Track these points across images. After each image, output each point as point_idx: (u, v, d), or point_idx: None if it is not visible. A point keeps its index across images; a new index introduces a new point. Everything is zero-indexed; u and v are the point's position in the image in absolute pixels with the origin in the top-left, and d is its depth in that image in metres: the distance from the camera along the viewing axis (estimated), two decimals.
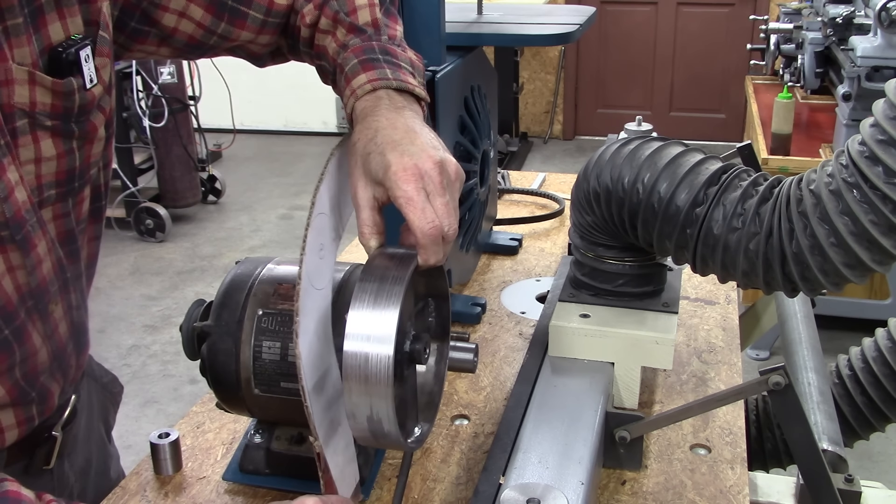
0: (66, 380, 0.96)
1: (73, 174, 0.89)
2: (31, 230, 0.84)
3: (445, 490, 1.10)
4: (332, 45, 1.03)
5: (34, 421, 0.93)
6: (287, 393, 1.03)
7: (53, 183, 0.87)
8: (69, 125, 0.86)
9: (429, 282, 0.95)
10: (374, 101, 0.91)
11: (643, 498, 1.07)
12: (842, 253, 0.96)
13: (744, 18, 5.84)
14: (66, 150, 0.86)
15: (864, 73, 2.79)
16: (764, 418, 1.53)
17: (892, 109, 0.91)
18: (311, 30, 1.05)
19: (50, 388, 0.93)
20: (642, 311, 1.16)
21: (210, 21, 1.01)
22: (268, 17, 1.04)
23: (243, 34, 1.04)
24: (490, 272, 1.71)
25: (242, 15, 1.02)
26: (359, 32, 1.01)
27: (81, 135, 0.88)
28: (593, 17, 1.74)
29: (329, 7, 1.04)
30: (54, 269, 0.89)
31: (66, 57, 0.83)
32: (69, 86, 0.84)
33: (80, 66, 0.85)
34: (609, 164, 1.10)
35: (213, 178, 5.30)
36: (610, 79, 6.52)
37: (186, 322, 1.06)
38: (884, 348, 1.46)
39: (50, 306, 0.89)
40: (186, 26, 1.00)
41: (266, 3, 1.03)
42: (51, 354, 0.91)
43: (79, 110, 0.86)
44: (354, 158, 0.87)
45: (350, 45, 1.00)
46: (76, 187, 0.90)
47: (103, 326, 3.96)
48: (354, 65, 0.96)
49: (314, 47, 1.06)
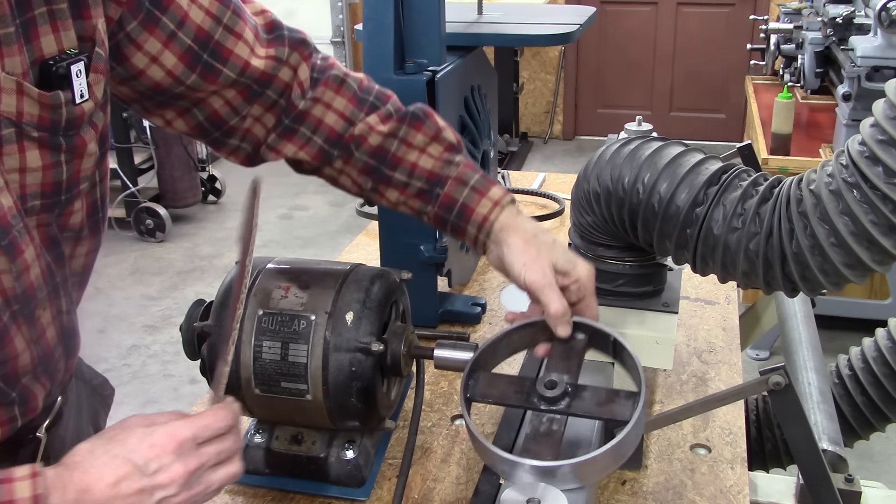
0: (52, 382, 0.95)
1: (60, 187, 0.88)
2: (18, 235, 0.84)
3: (445, 490, 1.10)
4: (427, 160, 1.09)
5: (17, 422, 0.92)
6: (287, 393, 1.03)
7: (38, 194, 0.87)
8: (56, 138, 0.85)
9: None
10: (514, 210, 1.08)
11: (643, 498, 1.07)
12: (842, 253, 0.96)
13: (744, 18, 5.84)
14: (52, 163, 0.86)
15: (864, 73, 2.78)
16: (764, 418, 1.53)
17: (892, 109, 0.91)
18: (386, 139, 1.09)
19: (33, 391, 0.93)
20: (642, 311, 1.16)
21: (181, 71, 0.98)
22: (240, 77, 1.03)
23: (211, 87, 1.03)
24: (490, 272, 1.71)
25: (216, 71, 1.01)
26: (457, 150, 1.12)
27: (69, 149, 0.87)
28: (593, 17, 1.74)
29: (420, 122, 1.10)
30: (43, 275, 0.89)
31: (57, 70, 0.83)
32: (56, 99, 0.84)
33: (70, 80, 0.84)
34: (609, 164, 1.10)
35: (213, 178, 5.29)
36: (610, 79, 6.51)
37: (186, 322, 1.06)
38: (884, 348, 1.46)
39: (37, 311, 0.89)
40: (156, 72, 0.97)
41: (241, 65, 1.02)
42: (36, 358, 0.90)
43: (66, 124, 0.86)
44: (535, 246, 1.03)
45: (458, 162, 1.10)
46: (62, 200, 0.90)
47: (103, 326, 3.96)
48: (479, 179, 1.08)
49: (391, 157, 1.09)
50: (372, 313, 1.03)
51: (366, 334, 1.02)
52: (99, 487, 0.73)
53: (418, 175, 1.09)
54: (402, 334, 1.06)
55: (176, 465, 0.76)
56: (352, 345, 1.01)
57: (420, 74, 1.32)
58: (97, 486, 0.73)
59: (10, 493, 0.69)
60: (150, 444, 0.76)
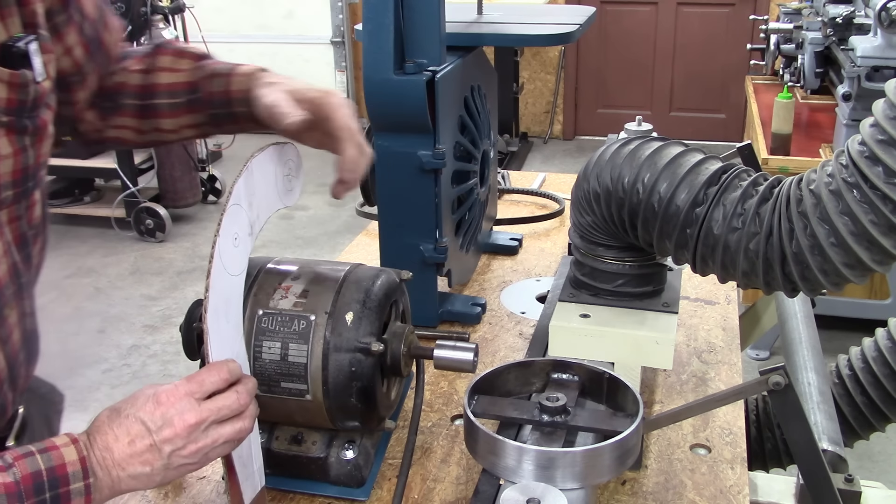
0: (15, 390, 0.95)
1: (27, 173, 0.89)
2: None
3: (445, 490, 1.10)
4: (180, 75, 1.12)
5: None
6: (287, 393, 1.03)
7: (10, 183, 0.87)
8: (23, 120, 0.87)
9: None
10: (269, 73, 1.09)
11: (643, 498, 1.07)
12: (842, 253, 0.96)
13: (744, 18, 5.83)
14: (20, 148, 0.87)
15: (864, 73, 2.78)
16: (764, 418, 1.53)
17: (892, 109, 0.91)
18: (142, 74, 1.13)
19: (6, 400, 0.93)
20: (642, 311, 1.16)
21: (85, 60, 1.05)
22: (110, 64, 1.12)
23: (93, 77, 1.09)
24: (490, 272, 1.71)
25: (103, 61, 1.10)
26: (205, 57, 1.15)
27: (34, 131, 0.89)
28: (593, 17, 1.74)
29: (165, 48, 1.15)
30: (9, 273, 0.89)
31: (17, 50, 0.85)
32: (24, 77, 0.85)
33: (30, 59, 0.86)
34: (609, 164, 1.10)
35: (213, 178, 5.29)
36: (610, 79, 6.51)
37: (186, 322, 1.06)
38: (884, 348, 1.46)
39: (5, 311, 0.89)
40: (65, 62, 1.02)
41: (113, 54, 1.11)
42: (6, 363, 0.90)
43: (32, 104, 0.87)
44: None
45: (207, 64, 1.12)
46: (29, 188, 0.91)
47: (103, 326, 3.96)
48: (229, 65, 1.11)
49: (151, 87, 1.13)
50: (372, 313, 1.03)
51: (366, 334, 1.02)
52: (118, 447, 0.81)
53: (178, 91, 1.11)
54: (402, 334, 1.06)
55: (177, 419, 0.82)
56: (352, 345, 1.01)
57: (420, 74, 1.32)
58: (115, 445, 0.81)
59: (60, 458, 0.78)
60: (156, 402, 0.83)
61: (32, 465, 0.76)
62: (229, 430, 0.86)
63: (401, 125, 1.36)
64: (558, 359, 1.03)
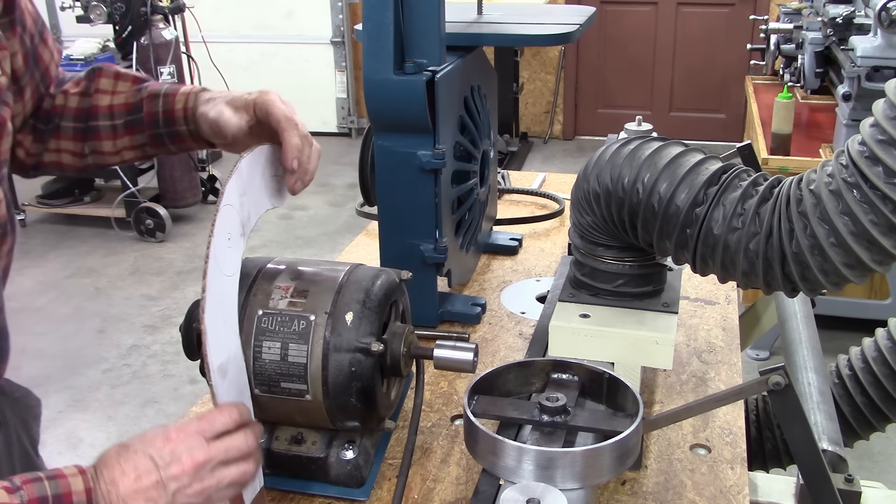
0: None
1: None
2: None
3: (445, 490, 1.10)
4: (119, 97, 1.14)
5: None
6: (287, 393, 1.03)
7: None
8: None
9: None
10: (208, 93, 1.11)
11: (643, 498, 1.07)
12: (842, 253, 0.96)
13: (744, 18, 5.83)
14: None
15: (864, 73, 2.78)
16: (764, 418, 1.53)
17: (892, 109, 0.91)
18: (81, 97, 1.14)
19: None
20: (642, 311, 1.16)
21: (22, 72, 1.05)
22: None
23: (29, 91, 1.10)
24: (490, 272, 1.71)
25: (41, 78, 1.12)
26: (144, 80, 1.17)
27: None
28: (593, 17, 1.74)
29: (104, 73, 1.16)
30: None
31: None
32: None
33: None
34: (609, 164, 1.10)
35: (213, 178, 5.29)
36: (610, 79, 6.51)
37: (186, 322, 1.06)
38: (884, 348, 1.46)
39: None
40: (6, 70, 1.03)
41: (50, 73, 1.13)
42: None
43: None
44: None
45: (146, 86, 1.14)
46: None
47: (103, 326, 3.96)
48: (169, 85, 1.13)
49: (90, 109, 1.14)
50: (372, 313, 1.03)
51: (366, 334, 1.02)
52: (124, 482, 0.81)
53: (118, 113, 1.12)
54: (401, 334, 1.06)
55: (185, 456, 0.83)
56: (351, 345, 1.01)
57: (420, 74, 1.32)
58: (122, 480, 0.81)
59: (67, 486, 0.78)
60: (165, 439, 0.84)
61: (40, 490, 0.76)
62: (234, 472, 0.87)
63: (401, 125, 1.36)
64: (558, 359, 1.03)
